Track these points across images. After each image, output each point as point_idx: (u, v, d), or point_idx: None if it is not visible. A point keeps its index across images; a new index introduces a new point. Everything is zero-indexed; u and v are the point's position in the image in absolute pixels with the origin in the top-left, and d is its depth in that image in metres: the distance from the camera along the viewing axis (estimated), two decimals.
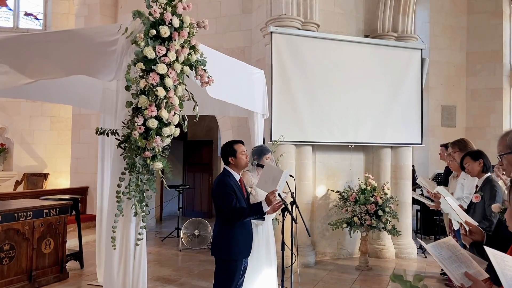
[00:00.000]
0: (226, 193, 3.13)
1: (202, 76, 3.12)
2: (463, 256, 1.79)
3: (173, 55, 2.82)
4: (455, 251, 1.81)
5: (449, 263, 1.77)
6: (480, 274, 1.72)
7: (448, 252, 1.80)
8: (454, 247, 1.83)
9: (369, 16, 6.89)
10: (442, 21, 9.46)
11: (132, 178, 2.74)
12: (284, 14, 6.04)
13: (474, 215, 3.58)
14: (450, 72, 9.49)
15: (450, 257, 1.79)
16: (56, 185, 9.40)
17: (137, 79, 2.73)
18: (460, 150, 4.34)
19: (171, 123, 2.86)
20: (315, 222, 6.41)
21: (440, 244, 1.85)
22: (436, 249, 1.82)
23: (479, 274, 1.72)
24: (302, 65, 6.14)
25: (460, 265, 1.76)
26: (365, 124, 6.48)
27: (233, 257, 3.18)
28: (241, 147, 3.32)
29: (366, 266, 5.89)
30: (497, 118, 9.40)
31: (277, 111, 5.93)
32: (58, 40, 3.16)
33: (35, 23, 9.99)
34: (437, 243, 1.87)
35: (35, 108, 9.46)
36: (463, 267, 1.75)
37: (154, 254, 6.64)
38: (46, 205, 5.02)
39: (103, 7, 8.52)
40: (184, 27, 2.91)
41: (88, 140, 8.37)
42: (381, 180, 6.53)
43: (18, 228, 4.61)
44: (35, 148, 9.54)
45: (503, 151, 2.03)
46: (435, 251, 1.81)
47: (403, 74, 6.74)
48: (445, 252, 1.81)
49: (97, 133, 2.85)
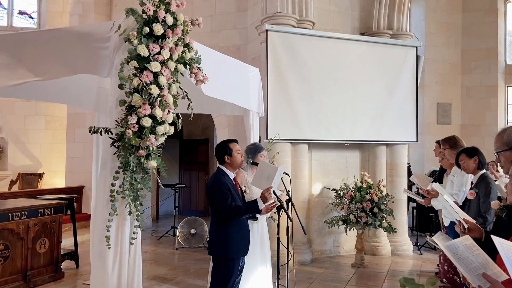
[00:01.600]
0: (221, 192, 3.12)
1: (197, 74, 3.10)
2: (481, 256, 1.70)
3: (167, 53, 2.80)
4: (472, 251, 1.72)
5: (466, 263, 1.68)
6: (500, 275, 1.62)
7: (464, 252, 1.71)
8: (471, 248, 1.73)
9: (364, 14, 6.89)
10: (437, 18, 9.48)
11: (126, 177, 2.73)
12: (280, 12, 6.03)
13: (469, 212, 3.59)
14: (445, 69, 9.52)
15: (467, 257, 1.70)
16: (52, 184, 9.36)
17: (131, 77, 2.71)
18: (451, 147, 4.35)
19: (165, 122, 2.84)
20: (311, 220, 6.41)
21: (456, 243, 1.75)
22: (451, 249, 1.74)
23: (499, 275, 1.62)
24: (298, 63, 6.13)
25: (477, 266, 1.67)
26: (361, 122, 6.48)
27: (230, 256, 3.17)
28: (236, 146, 3.33)
29: (362, 264, 5.90)
30: (492, 115, 9.44)
31: (273, 109, 5.92)
32: (51, 38, 3.13)
33: (29, 21, 9.93)
34: (453, 242, 1.77)
35: (29, 107, 9.40)
36: (481, 268, 1.66)
37: (150, 253, 6.62)
38: (41, 204, 4.99)
39: (97, 5, 8.47)
40: (177, 24, 2.89)
41: (83, 139, 8.33)
42: (377, 177, 6.54)
43: (13, 228, 4.58)
44: (30, 147, 9.49)
45: (501, 148, 2.03)
46: (450, 250, 1.73)
47: (398, 71, 6.74)
48: (461, 252, 1.72)
49: (90, 131, 2.83)
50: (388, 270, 5.83)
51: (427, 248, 6.86)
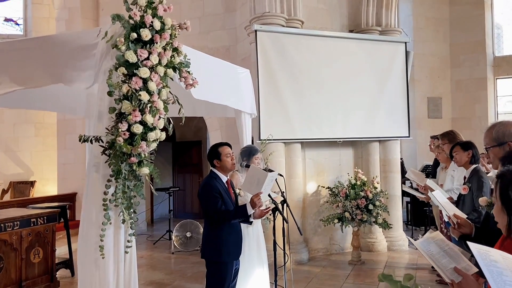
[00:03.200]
0: (211, 195, 3.13)
1: (186, 78, 3.06)
2: (451, 250, 1.75)
3: (156, 58, 2.76)
4: (443, 246, 1.76)
5: (438, 259, 1.73)
6: (470, 268, 1.67)
7: (436, 248, 1.76)
8: (442, 242, 1.78)
9: (353, 11, 6.89)
10: (424, 13, 9.53)
11: (118, 185, 2.69)
12: (268, 12, 6.01)
13: (463, 206, 3.61)
14: (434, 64, 9.57)
15: (438, 253, 1.74)
16: (44, 192, 9.26)
17: (119, 84, 2.67)
18: (449, 141, 4.38)
19: (156, 128, 2.80)
20: (307, 218, 6.41)
21: (428, 239, 1.81)
22: (424, 245, 1.78)
23: (468, 268, 1.67)
24: (288, 62, 6.12)
25: (449, 260, 1.71)
26: (352, 119, 6.49)
27: (223, 259, 3.16)
28: (226, 150, 3.31)
29: (359, 261, 5.91)
30: (483, 108, 9.51)
31: (265, 109, 5.91)
32: (36, 47, 3.08)
33: (15, 28, 9.82)
34: (425, 238, 1.82)
35: (18, 115, 9.29)
36: (452, 262, 1.70)
37: (146, 258, 6.58)
38: (33, 214, 4.93)
39: (84, 10, 8.39)
40: (165, 29, 2.85)
41: (75, 145, 8.23)
42: (371, 174, 6.56)
43: (6, 239, 4.52)
44: (20, 155, 9.39)
45: (489, 144, 2.04)
46: (423, 247, 1.77)
47: (388, 68, 6.76)
48: (433, 248, 1.76)
49: (80, 140, 2.78)
50: (385, 266, 5.85)
51: None
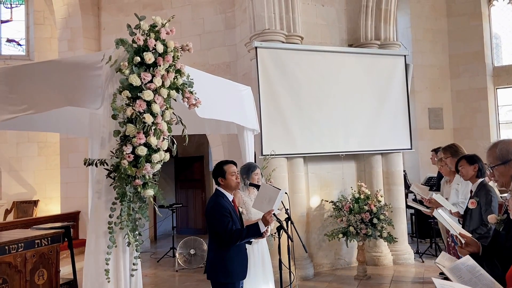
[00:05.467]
0: (221, 215, 3.09)
1: (189, 99, 3.09)
2: (483, 277, 1.71)
3: (159, 80, 2.79)
4: (474, 272, 1.73)
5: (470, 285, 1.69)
6: None
7: (468, 274, 1.73)
8: (473, 268, 1.75)
9: (352, 26, 6.95)
10: (422, 25, 9.60)
11: (123, 208, 2.69)
12: (268, 29, 6.07)
13: (471, 221, 3.59)
14: (434, 75, 9.61)
15: (470, 280, 1.71)
16: (47, 211, 9.25)
17: (124, 107, 2.70)
18: (452, 155, 4.37)
19: (160, 149, 2.82)
20: (311, 233, 6.38)
21: (458, 266, 1.77)
22: (455, 272, 1.74)
23: None
24: (289, 78, 6.16)
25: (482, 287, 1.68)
26: (354, 133, 6.51)
27: (230, 280, 3.14)
28: (231, 168, 3.29)
29: (365, 275, 5.86)
30: (483, 117, 9.52)
31: (266, 125, 5.92)
32: (42, 71, 3.11)
33: (17, 49, 9.92)
34: (455, 265, 1.79)
35: (21, 135, 9.33)
36: None
37: (151, 277, 6.54)
38: (37, 235, 4.90)
39: (86, 30, 8.47)
40: (168, 51, 2.89)
41: (77, 164, 8.23)
42: (374, 187, 6.54)
43: (10, 261, 4.49)
44: (23, 175, 9.40)
45: (494, 162, 2.03)
46: (454, 274, 1.74)
47: (388, 81, 6.80)
48: (465, 274, 1.73)
49: (85, 164, 2.80)
50: (391, 280, 5.80)
51: (429, 255, 6.85)
